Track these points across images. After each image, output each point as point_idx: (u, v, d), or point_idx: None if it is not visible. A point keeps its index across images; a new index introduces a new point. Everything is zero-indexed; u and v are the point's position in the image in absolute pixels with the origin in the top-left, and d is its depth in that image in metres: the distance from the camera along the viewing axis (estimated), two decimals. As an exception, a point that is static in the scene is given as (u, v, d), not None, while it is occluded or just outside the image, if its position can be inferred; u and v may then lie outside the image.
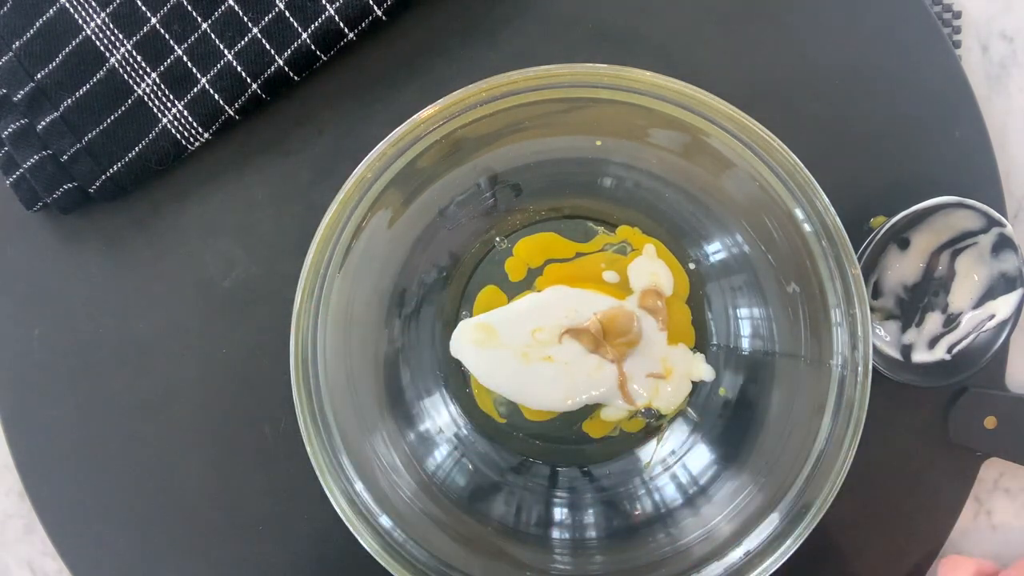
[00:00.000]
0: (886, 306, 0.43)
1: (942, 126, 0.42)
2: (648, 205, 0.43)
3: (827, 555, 0.43)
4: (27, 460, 0.45)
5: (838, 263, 0.35)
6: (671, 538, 0.39)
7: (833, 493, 0.34)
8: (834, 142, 0.43)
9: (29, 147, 0.43)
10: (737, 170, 0.36)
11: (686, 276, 0.43)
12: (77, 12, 0.43)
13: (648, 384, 0.42)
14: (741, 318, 0.42)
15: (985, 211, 0.40)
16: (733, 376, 0.42)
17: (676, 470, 0.42)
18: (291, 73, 0.42)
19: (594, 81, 0.35)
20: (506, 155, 0.39)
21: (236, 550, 0.44)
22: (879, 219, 0.42)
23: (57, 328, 0.45)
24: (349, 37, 0.42)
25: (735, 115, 0.35)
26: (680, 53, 0.43)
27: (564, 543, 0.41)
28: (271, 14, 0.42)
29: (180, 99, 0.42)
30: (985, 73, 0.44)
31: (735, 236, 0.40)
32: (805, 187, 0.35)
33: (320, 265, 0.36)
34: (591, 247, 0.43)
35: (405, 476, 0.39)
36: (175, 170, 0.44)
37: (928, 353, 0.43)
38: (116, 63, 0.43)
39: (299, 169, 0.44)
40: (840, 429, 0.35)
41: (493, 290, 0.43)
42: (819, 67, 0.43)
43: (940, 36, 0.42)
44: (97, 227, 0.45)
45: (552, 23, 0.43)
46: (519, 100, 0.35)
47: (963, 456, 0.43)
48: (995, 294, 0.42)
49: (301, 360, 0.36)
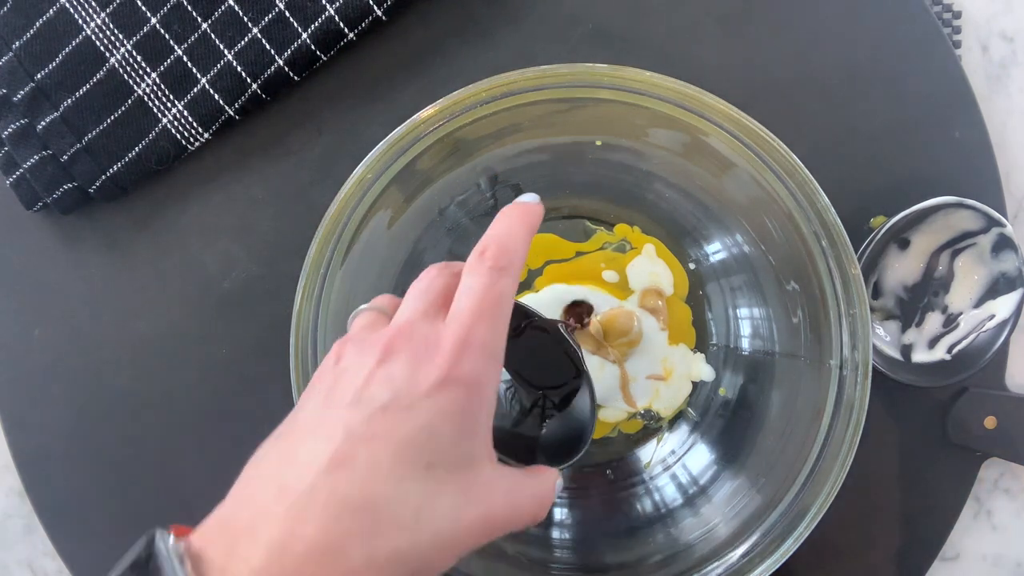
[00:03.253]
0: (886, 306, 0.43)
1: (942, 126, 0.42)
2: (648, 205, 0.43)
3: (827, 555, 0.43)
4: (27, 460, 0.45)
5: (838, 263, 0.35)
6: (671, 538, 0.39)
7: (833, 493, 0.34)
8: (834, 142, 0.43)
9: (29, 147, 0.43)
10: (737, 170, 0.36)
11: (686, 276, 0.43)
12: (77, 12, 0.43)
13: (648, 386, 0.42)
14: (741, 318, 0.42)
15: (985, 211, 0.40)
16: (733, 376, 0.42)
17: (676, 470, 0.42)
18: (291, 73, 0.42)
19: (594, 81, 0.35)
20: (506, 155, 0.39)
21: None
22: (879, 219, 0.42)
23: (57, 328, 0.45)
24: (349, 37, 0.42)
25: (735, 115, 0.35)
26: (680, 53, 0.43)
27: (564, 543, 0.41)
28: (271, 14, 0.42)
29: (180, 99, 0.42)
30: (985, 73, 0.44)
31: (735, 236, 0.40)
32: (805, 187, 0.35)
33: (320, 265, 0.36)
34: (590, 246, 0.43)
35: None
36: (175, 170, 0.44)
37: (928, 353, 0.43)
38: (116, 63, 0.43)
39: (299, 169, 0.44)
40: (840, 429, 0.35)
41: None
42: (819, 67, 0.43)
43: (940, 36, 0.42)
44: (97, 227, 0.45)
45: (552, 23, 0.43)
46: (519, 100, 0.35)
47: (963, 456, 0.43)
48: (995, 294, 0.42)
49: (301, 360, 0.36)
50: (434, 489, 0.24)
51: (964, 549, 0.44)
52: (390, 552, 0.23)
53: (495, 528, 0.26)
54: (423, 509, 0.24)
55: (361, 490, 0.23)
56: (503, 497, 0.26)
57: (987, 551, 0.44)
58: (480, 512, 0.25)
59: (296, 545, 0.22)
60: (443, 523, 0.24)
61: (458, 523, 0.25)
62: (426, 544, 0.24)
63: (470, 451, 0.25)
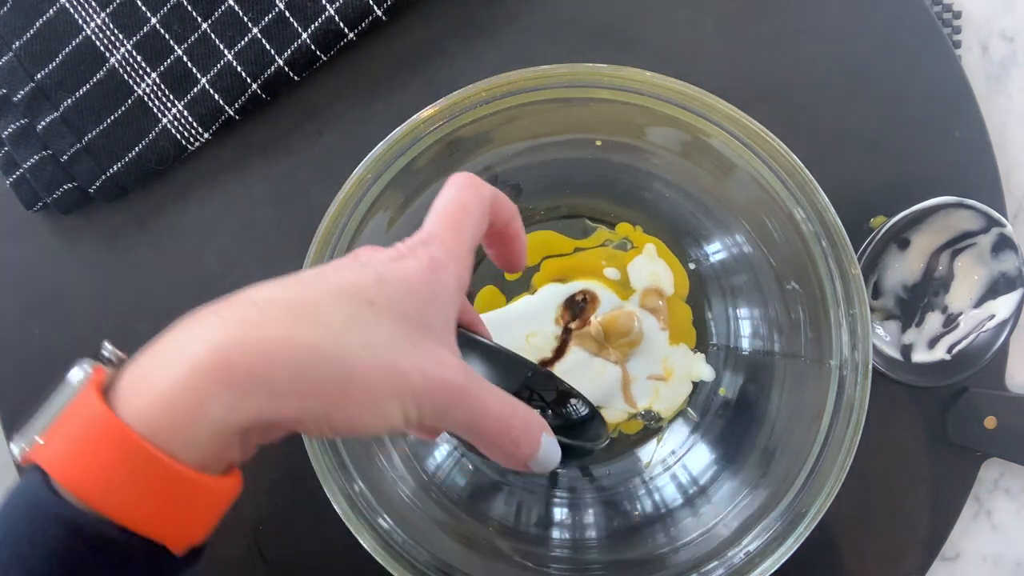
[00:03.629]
0: (886, 306, 0.43)
1: (942, 126, 0.42)
2: (648, 205, 0.43)
3: (827, 555, 0.43)
4: (27, 460, 0.45)
5: (838, 263, 0.35)
6: (671, 538, 0.39)
7: (833, 493, 0.34)
8: (834, 142, 0.43)
9: (29, 147, 0.43)
10: (737, 170, 0.36)
11: (686, 276, 0.43)
12: (77, 12, 0.43)
13: (649, 386, 0.42)
14: (741, 318, 0.42)
15: (985, 211, 0.40)
16: (733, 376, 0.42)
17: (676, 470, 0.42)
18: (291, 73, 0.42)
19: (594, 81, 0.35)
20: (506, 155, 0.39)
21: (236, 550, 0.44)
22: (879, 219, 0.42)
23: (57, 328, 0.45)
24: (349, 37, 0.42)
25: (735, 115, 0.35)
26: (680, 53, 0.43)
27: (564, 543, 0.41)
28: (271, 14, 0.42)
29: (180, 99, 0.42)
30: (985, 73, 0.44)
31: (735, 236, 0.40)
32: (805, 187, 0.35)
33: (320, 265, 0.36)
34: (591, 243, 0.43)
35: (405, 476, 0.39)
36: (175, 170, 0.44)
37: (928, 353, 0.43)
38: (116, 63, 0.43)
39: (299, 169, 0.44)
40: (840, 429, 0.35)
41: (493, 290, 0.43)
42: (819, 67, 0.43)
43: (940, 36, 0.42)
44: (97, 227, 0.45)
45: (552, 23, 0.43)
46: (519, 100, 0.35)
47: (963, 456, 0.43)
48: (995, 294, 0.42)
49: (301, 360, 0.36)
50: (371, 319, 0.24)
51: (964, 549, 0.44)
52: (309, 342, 0.22)
53: (435, 406, 0.24)
54: (352, 322, 0.23)
55: (295, 295, 0.24)
56: (455, 379, 0.24)
57: (987, 551, 0.44)
58: (420, 368, 0.23)
59: (209, 336, 0.22)
60: (375, 346, 0.23)
61: (391, 358, 0.23)
62: (350, 353, 0.23)
63: (422, 315, 0.25)
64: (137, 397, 0.22)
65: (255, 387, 0.22)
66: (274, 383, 0.22)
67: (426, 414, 0.24)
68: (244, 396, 0.22)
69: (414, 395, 0.23)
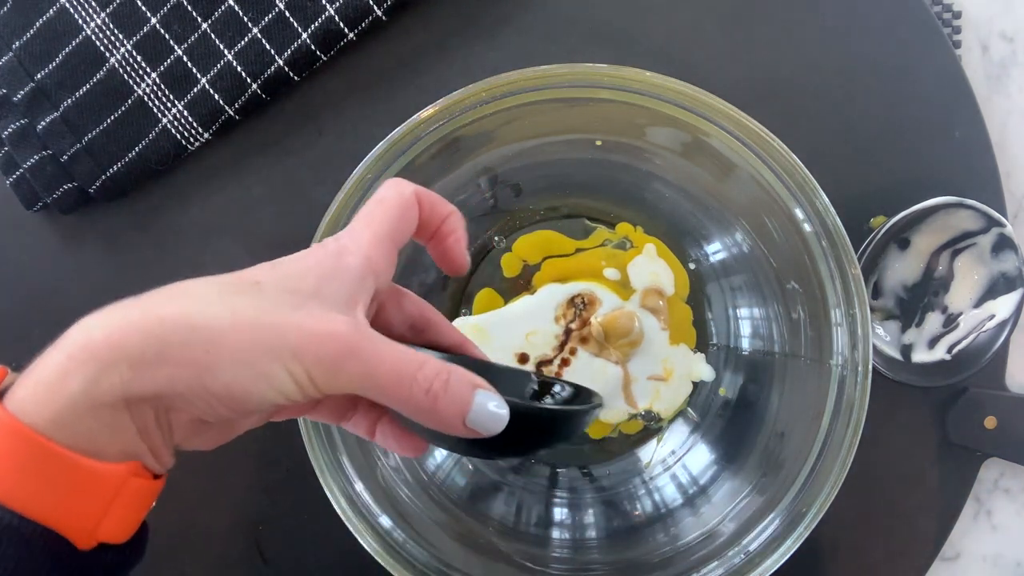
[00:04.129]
0: (886, 306, 0.43)
1: (942, 126, 0.42)
2: (648, 205, 0.43)
3: (827, 555, 0.43)
4: (27, 460, 0.45)
5: (838, 263, 0.35)
6: (671, 538, 0.39)
7: (833, 493, 0.34)
8: (834, 142, 0.43)
9: (29, 147, 0.43)
10: (737, 170, 0.36)
11: (686, 276, 0.43)
12: (77, 12, 0.43)
13: (649, 386, 0.42)
14: (741, 318, 0.42)
15: (985, 211, 0.40)
16: (733, 376, 0.42)
17: (676, 470, 0.42)
18: (291, 73, 0.42)
19: (594, 81, 0.35)
20: (506, 155, 0.39)
21: (236, 550, 0.44)
22: (879, 219, 0.42)
23: (57, 328, 0.45)
24: (349, 37, 0.42)
25: (735, 115, 0.35)
26: (680, 53, 0.43)
27: (564, 543, 0.41)
28: (271, 14, 0.42)
29: (180, 99, 0.42)
30: (985, 73, 0.44)
31: (735, 236, 0.40)
32: (805, 187, 0.35)
33: (320, 265, 0.36)
34: (591, 243, 0.43)
35: (405, 476, 0.39)
36: (175, 170, 0.44)
37: (928, 353, 0.43)
38: (116, 63, 0.43)
39: (299, 169, 0.44)
40: (840, 429, 0.35)
41: (490, 292, 0.43)
42: (819, 67, 0.43)
43: (940, 36, 0.42)
44: (97, 227, 0.45)
45: (552, 23, 0.43)
46: (519, 100, 0.35)
47: (963, 456, 0.43)
48: (995, 294, 0.42)
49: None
50: (251, 292, 0.24)
51: (964, 549, 0.44)
52: (175, 313, 0.23)
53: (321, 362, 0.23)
54: (227, 295, 0.24)
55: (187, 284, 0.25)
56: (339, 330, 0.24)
57: (987, 551, 0.44)
58: (298, 325, 0.23)
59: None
60: (246, 309, 0.23)
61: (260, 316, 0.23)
62: (216, 316, 0.23)
63: (315, 288, 0.25)
64: (20, 387, 0.23)
65: (117, 359, 0.23)
66: (137, 353, 0.23)
67: (316, 373, 0.23)
68: (105, 368, 0.22)
69: (294, 353, 0.23)
